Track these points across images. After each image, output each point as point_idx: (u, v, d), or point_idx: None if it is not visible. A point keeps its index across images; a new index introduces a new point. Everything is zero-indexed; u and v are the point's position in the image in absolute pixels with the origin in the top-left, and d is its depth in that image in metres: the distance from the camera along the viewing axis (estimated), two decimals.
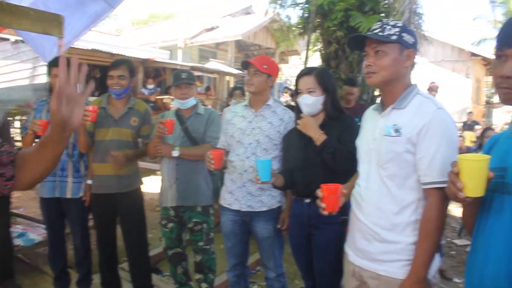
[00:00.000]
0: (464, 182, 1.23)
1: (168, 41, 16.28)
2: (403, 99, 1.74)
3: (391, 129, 1.71)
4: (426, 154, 1.64)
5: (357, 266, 1.86)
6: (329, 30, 5.11)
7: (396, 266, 1.72)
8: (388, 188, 1.73)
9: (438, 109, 1.68)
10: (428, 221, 1.65)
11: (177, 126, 3.11)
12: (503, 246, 1.25)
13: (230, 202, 2.78)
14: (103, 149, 3.12)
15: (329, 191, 1.74)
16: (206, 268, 3.22)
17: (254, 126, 2.74)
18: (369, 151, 1.83)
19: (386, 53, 1.73)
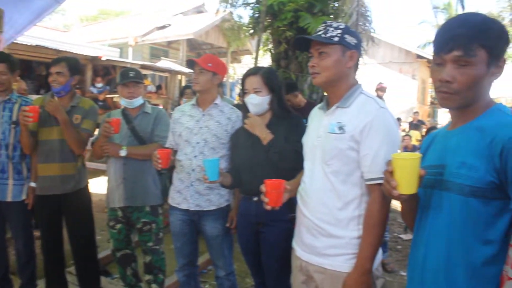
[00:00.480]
0: (397, 180, 1.28)
1: (118, 39, 15.87)
2: (347, 98, 1.80)
3: (335, 127, 1.77)
4: (369, 151, 1.70)
5: (304, 261, 1.90)
6: (279, 30, 5.16)
7: (341, 260, 1.77)
8: (332, 184, 1.78)
9: (380, 108, 1.75)
10: (371, 216, 1.71)
11: (124, 125, 3.05)
12: (442, 241, 1.31)
13: (178, 201, 2.76)
14: (47, 150, 3.03)
15: (272, 186, 1.77)
16: (155, 268, 3.18)
17: (202, 125, 2.73)
18: (313, 148, 1.88)
19: (329, 54, 1.78)
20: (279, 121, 2.45)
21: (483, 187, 1.21)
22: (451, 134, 1.40)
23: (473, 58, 1.24)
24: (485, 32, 1.24)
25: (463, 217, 1.26)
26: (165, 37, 16.18)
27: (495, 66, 1.28)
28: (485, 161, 1.22)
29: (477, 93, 1.29)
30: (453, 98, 1.30)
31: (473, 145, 1.26)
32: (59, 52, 9.19)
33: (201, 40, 16.59)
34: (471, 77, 1.25)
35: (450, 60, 1.27)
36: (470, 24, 1.26)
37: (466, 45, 1.23)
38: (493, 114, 1.29)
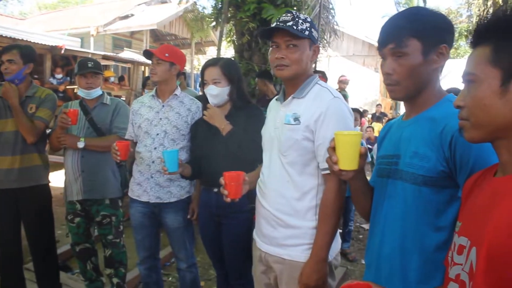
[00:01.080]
0: (338, 156, 1.32)
1: (79, 28, 15.39)
2: (303, 88, 1.82)
3: (291, 118, 1.78)
4: (323, 141, 1.70)
5: (264, 252, 1.91)
6: (242, 22, 5.14)
7: (299, 250, 1.79)
8: (289, 174, 1.79)
9: (334, 97, 1.76)
10: (326, 205, 1.73)
11: (82, 116, 2.99)
12: (397, 229, 1.35)
13: (138, 194, 2.73)
14: (3, 142, 2.91)
15: (230, 178, 1.77)
16: (116, 262, 3.14)
17: (162, 116, 2.71)
18: (271, 140, 1.89)
19: (299, 48, 1.77)
20: (239, 112, 2.45)
21: (435, 176, 1.26)
22: (405, 125, 1.44)
23: (406, 49, 1.30)
24: (415, 22, 1.31)
25: (416, 206, 1.30)
26: (128, 27, 15.83)
27: (435, 54, 1.31)
28: (436, 151, 1.26)
29: (418, 81, 1.34)
30: (397, 89, 1.36)
31: (425, 135, 1.30)
32: (15, 40, 8.82)
33: (165, 31, 16.33)
34: (407, 67, 1.31)
35: (388, 53, 1.35)
36: (402, 16, 1.35)
37: (397, 37, 1.31)
38: (444, 104, 1.33)
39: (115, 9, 17.12)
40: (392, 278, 1.34)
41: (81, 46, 13.46)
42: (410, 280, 1.30)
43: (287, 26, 1.74)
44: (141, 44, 16.25)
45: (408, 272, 1.31)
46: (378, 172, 1.50)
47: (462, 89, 1.06)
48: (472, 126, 1.01)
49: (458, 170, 1.22)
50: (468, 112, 1.00)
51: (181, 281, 2.93)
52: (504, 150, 0.98)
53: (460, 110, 1.04)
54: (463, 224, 1.06)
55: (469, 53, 1.06)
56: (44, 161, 3.10)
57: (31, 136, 2.90)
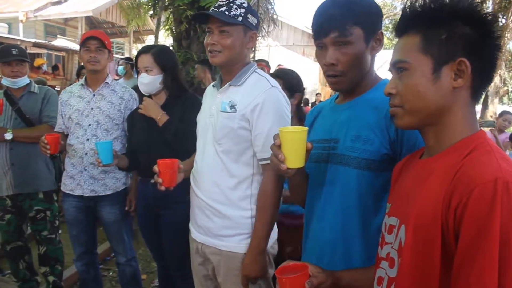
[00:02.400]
0: (285, 154, 1.25)
1: (6, 13, 14.45)
2: (240, 76, 1.78)
3: (227, 105, 1.75)
4: (261, 131, 1.69)
5: (200, 243, 1.89)
6: (179, 9, 5.02)
7: (235, 241, 1.78)
8: (223, 163, 1.76)
9: (272, 87, 1.73)
10: (264, 195, 1.73)
11: (8, 107, 2.83)
12: (338, 213, 1.34)
13: (72, 187, 2.63)
14: None
15: (165, 166, 1.73)
16: (52, 259, 3.03)
17: (93, 106, 2.62)
18: (205, 127, 1.86)
19: (231, 34, 1.72)
20: (175, 100, 2.41)
21: (377, 160, 1.27)
22: (340, 108, 1.42)
23: (350, 37, 1.27)
24: (355, 10, 1.28)
25: (359, 190, 1.30)
26: (61, 14, 15.04)
27: (374, 40, 1.33)
28: (380, 134, 1.27)
29: (362, 70, 1.34)
30: (342, 80, 1.33)
31: (367, 119, 1.30)
32: None
33: (101, 18, 15.70)
34: (352, 56, 1.29)
35: (330, 42, 1.29)
36: (339, 4, 1.29)
37: (341, 25, 1.27)
38: (383, 87, 1.29)
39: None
40: (334, 264, 1.32)
41: (8, 32, 12.67)
42: (354, 264, 1.30)
43: (218, 12, 1.70)
44: (75, 32, 15.53)
45: (351, 257, 1.32)
46: (312, 157, 1.40)
47: (392, 76, 1.08)
48: (406, 113, 1.03)
49: (404, 153, 1.23)
50: (402, 99, 1.02)
51: (121, 276, 2.87)
52: (431, 134, 1.02)
53: (391, 97, 1.06)
54: (392, 205, 1.10)
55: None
56: None
57: None
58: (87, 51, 2.57)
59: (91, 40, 2.57)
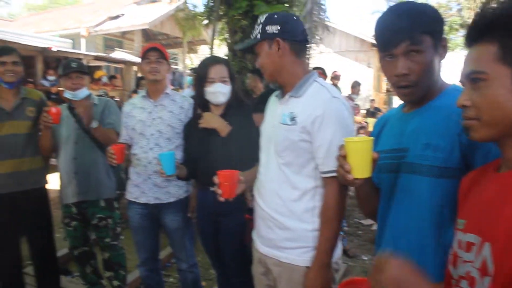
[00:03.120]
0: (351, 164, 1.26)
1: (70, 29, 15.28)
2: (299, 87, 1.75)
3: (287, 118, 1.73)
4: (322, 143, 1.65)
5: (262, 254, 1.88)
6: (234, 19, 5.12)
7: (296, 253, 1.75)
8: (285, 175, 1.74)
9: (333, 97, 1.69)
10: (327, 210, 1.68)
11: (71, 118, 2.96)
12: (412, 224, 1.31)
13: (136, 195, 2.71)
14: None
15: (224, 178, 1.74)
16: (115, 264, 3.13)
17: (155, 116, 2.69)
18: (268, 139, 1.85)
19: (259, 52, 1.79)
20: (234, 111, 2.44)
21: (450, 167, 1.22)
22: (408, 117, 1.40)
23: (421, 45, 1.25)
24: (423, 18, 1.26)
25: (432, 198, 1.26)
26: (119, 28, 15.72)
27: (441, 47, 1.30)
28: (451, 141, 1.22)
29: (432, 78, 1.31)
30: (414, 91, 1.30)
31: (437, 126, 1.27)
32: (5, 42, 8.72)
33: (156, 30, 16.25)
34: (424, 64, 1.27)
35: (401, 53, 1.27)
36: (407, 14, 1.27)
37: (411, 34, 1.25)
38: (451, 93, 1.30)
39: (106, 9, 17.00)
40: None
41: (72, 47, 13.38)
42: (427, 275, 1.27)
43: (246, 41, 1.84)
44: (132, 44, 16.15)
45: (425, 268, 1.26)
46: (382, 168, 1.42)
47: (465, 88, 1.03)
48: (482, 125, 0.98)
49: (477, 159, 1.19)
50: (478, 111, 0.98)
51: (183, 282, 2.92)
52: (509, 147, 0.98)
53: (464, 109, 1.01)
54: (468, 221, 1.04)
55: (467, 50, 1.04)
56: (44, 163, 3.09)
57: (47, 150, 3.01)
58: (147, 62, 2.66)
59: (151, 52, 2.65)
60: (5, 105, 2.89)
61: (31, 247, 3.10)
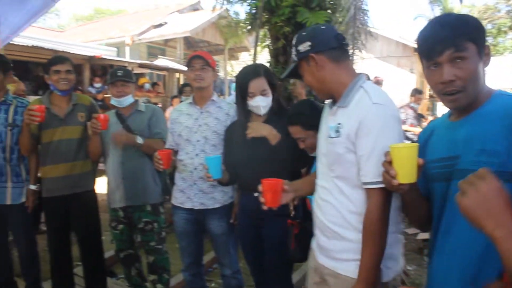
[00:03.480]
0: (396, 170, 1.29)
1: (115, 38, 15.81)
2: (346, 96, 1.68)
3: (332, 130, 1.69)
4: (363, 152, 1.58)
5: (319, 263, 1.84)
6: (276, 26, 5.12)
7: (354, 266, 1.66)
8: (339, 187, 1.70)
9: (373, 104, 1.59)
10: (370, 224, 1.58)
11: (118, 125, 3.05)
12: (466, 229, 1.22)
13: (182, 201, 2.75)
14: (52, 151, 3.00)
15: (268, 187, 1.72)
16: (160, 268, 3.18)
17: (201, 123, 2.72)
18: (321, 150, 1.82)
19: (302, 74, 1.79)
20: (276, 118, 2.43)
21: (508, 171, 1.20)
22: (457, 125, 1.38)
23: (466, 52, 1.27)
24: (466, 26, 1.29)
25: None
26: (161, 36, 16.13)
27: (484, 55, 1.31)
28: (508, 145, 1.21)
29: (479, 84, 1.31)
30: (461, 97, 1.30)
31: (490, 131, 1.26)
32: (56, 52, 9.12)
33: (198, 37, 16.54)
34: (469, 70, 1.28)
35: (446, 60, 1.29)
36: (450, 24, 1.30)
37: (455, 42, 1.27)
38: (499, 98, 1.31)
39: (149, 18, 17.49)
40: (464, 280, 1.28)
41: (117, 55, 13.80)
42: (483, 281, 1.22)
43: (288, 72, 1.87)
44: (174, 52, 16.52)
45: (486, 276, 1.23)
46: (433, 177, 1.41)
47: None
48: None
49: None
50: None
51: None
52: None
53: None
54: None
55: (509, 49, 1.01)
56: (93, 167, 3.19)
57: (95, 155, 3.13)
58: (192, 69, 2.69)
59: (196, 59, 2.68)
60: (58, 112, 3.01)
61: (81, 248, 3.20)
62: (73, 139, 3.03)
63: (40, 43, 9.49)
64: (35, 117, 2.70)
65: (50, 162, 3.01)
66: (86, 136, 3.09)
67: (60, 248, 3.15)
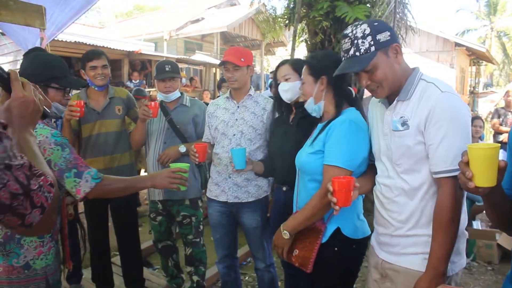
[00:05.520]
0: (473, 172, 1.19)
1: (153, 34, 16.07)
2: (406, 89, 1.67)
3: (398, 123, 1.66)
4: (433, 141, 1.56)
5: (381, 259, 1.83)
6: (314, 21, 5.06)
7: (419, 259, 1.67)
8: (407, 183, 1.68)
9: (443, 92, 1.58)
10: (441, 213, 1.56)
11: (162, 117, 3.09)
12: None
13: (216, 194, 2.78)
14: (91, 145, 3.08)
15: (340, 185, 1.63)
16: (196, 260, 3.22)
17: (237, 117, 2.74)
18: (381, 148, 1.79)
19: (377, 66, 1.65)
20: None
21: None
22: None
23: None
24: None
25: None
26: (199, 31, 16.28)
27: None
28: None
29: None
30: None
31: None
32: (97, 48, 9.38)
33: (235, 33, 16.60)
34: None
35: None
36: None
37: None
38: None
39: (187, 14, 17.66)
40: None
41: (155, 50, 14.05)
42: None
43: (351, 60, 1.67)
44: (211, 47, 16.66)
45: None
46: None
47: None
48: None
49: None
50: None
51: (260, 281, 2.95)
52: None
53: None
54: None
55: None
56: (132, 160, 3.26)
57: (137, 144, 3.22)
58: (226, 71, 2.71)
59: (227, 64, 2.68)
60: (95, 106, 3.09)
61: (118, 238, 3.29)
62: (111, 132, 3.10)
63: (82, 39, 9.77)
64: (75, 113, 2.77)
65: (89, 155, 3.08)
66: (124, 129, 3.16)
67: (99, 237, 3.26)
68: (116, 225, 3.28)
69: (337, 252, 1.99)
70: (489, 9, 30.51)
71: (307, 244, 2.00)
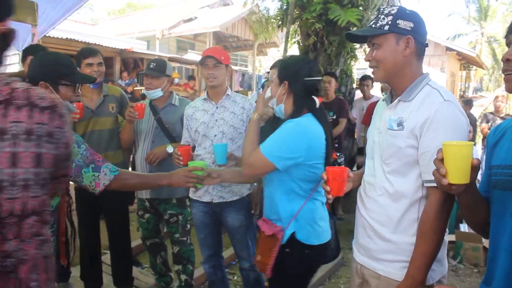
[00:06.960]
0: (447, 169, 1.20)
1: (146, 32, 16.00)
2: (410, 90, 1.63)
3: (394, 123, 1.63)
4: (427, 149, 1.52)
5: (359, 264, 1.81)
6: (307, 22, 5.10)
7: (396, 267, 1.64)
8: (391, 184, 1.65)
9: (445, 101, 1.55)
10: (425, 222, 1.53)
11: (151, 116, 3.09)
12: None
13: (200, 194, 2.78)
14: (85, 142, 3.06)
15: (334, 174, 1.62)
16: (184, 259, 3.21)
17: (217, 117, 2.75)
18: (373, 144, 1.78)
19: (381, 45, 1.63)
20: None
21: None
22: None
23: None
24: None
25: None
26: (191, 30, 16.25)
27: None
28: None
29: None
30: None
31: None
32: (88, 44, 9.34)
33: (228, 32, 16.59)
34: None
35: None
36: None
37: None
38: None
39: (179, 13, 17.62)
40: None
41: (147, 48, 14.00)
42: None
43: (363, 29, 1.69)
44: (204, 46, 16.60)
45: None
46: (496, 184, 1.31)
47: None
48: None
49: None
50: None
51: (245, 281, 2.96)
52: None
53: None
54: None
55: None
56: (124, 157, 3.27)
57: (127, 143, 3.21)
58: (205, 68, 2.71)
59: (208, 59, 2.69)
60: (89, 103, 3.07)
61: (110, 236, 3.28)
62: (104, 130, 3.10)
63: (74, 36, 9.72)
64: (74, 115, 2.74)
65: None
66: (117, 126, 3.16)
67: (90, 235, 3.24)
68: (108, 224, 3.28)
69: (289, 254, 2.03)
70: (480, 14, 30.85)
71: (266, 250, 2.05)
